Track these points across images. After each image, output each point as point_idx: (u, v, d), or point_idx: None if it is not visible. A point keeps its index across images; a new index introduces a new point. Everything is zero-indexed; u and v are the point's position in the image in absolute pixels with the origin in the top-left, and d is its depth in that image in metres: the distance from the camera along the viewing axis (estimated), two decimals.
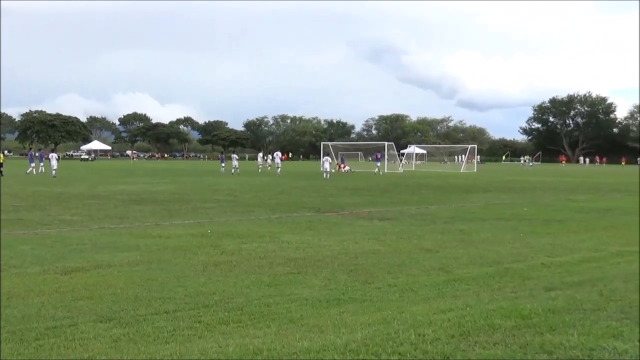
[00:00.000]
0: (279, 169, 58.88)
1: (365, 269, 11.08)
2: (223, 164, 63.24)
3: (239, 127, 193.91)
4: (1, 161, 50.85)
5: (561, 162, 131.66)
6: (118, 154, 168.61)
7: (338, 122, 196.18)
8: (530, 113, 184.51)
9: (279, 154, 67.22)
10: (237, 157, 61.58)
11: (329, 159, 53.14)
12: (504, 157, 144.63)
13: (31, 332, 7.11)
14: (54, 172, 47.46)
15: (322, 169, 51.56)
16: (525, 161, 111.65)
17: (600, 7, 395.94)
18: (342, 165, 68.23)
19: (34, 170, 52.78)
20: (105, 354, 6.36)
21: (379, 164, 64.12)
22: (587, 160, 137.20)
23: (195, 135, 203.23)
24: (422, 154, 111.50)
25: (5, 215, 19.73)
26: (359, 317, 7.70)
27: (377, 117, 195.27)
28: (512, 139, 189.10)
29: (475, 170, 73.77)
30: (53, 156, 50.32)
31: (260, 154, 75.46)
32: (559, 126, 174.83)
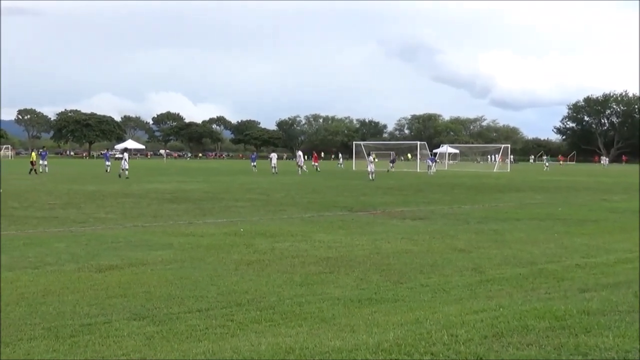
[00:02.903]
0: (301, 169, 57.64)
1: (397, 268, 11.04)
2: (254, 163, 63.18)
3: (272, 127, 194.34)
4: (33, 160, 51.42)
5: (560, 161, 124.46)
6: (152, 152, 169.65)
7: (370, 122, 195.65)
8: (564, 112, 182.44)
9: (300, 153, 63.90)
10: (277, 156, 61.11)
11: (371, 158, 51.47)
12: (531, 159, 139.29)
13: (66, 329, 7.19)
14: (123, 171, 45.83)
15: (368, 169, 48.19)
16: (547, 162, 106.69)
17: (636, 5, 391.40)
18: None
19: (108, 168, 53.51)
20: (139, 352, 6.41)
21: (431, 163, 63.59)
22: (607, 160, 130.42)
23: (227, 134, 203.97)
24: (455, 154, 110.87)
25: (40, 212, 20.00)
26: (391, 317, 7.67)
27: (409, 117, 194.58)
28: (546, 139, 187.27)
29: (508, 170, 73.18)
30: (125, 156, 48.63)
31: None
32: (594, 126, 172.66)
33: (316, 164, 66.96)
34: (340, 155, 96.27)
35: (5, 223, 17.18)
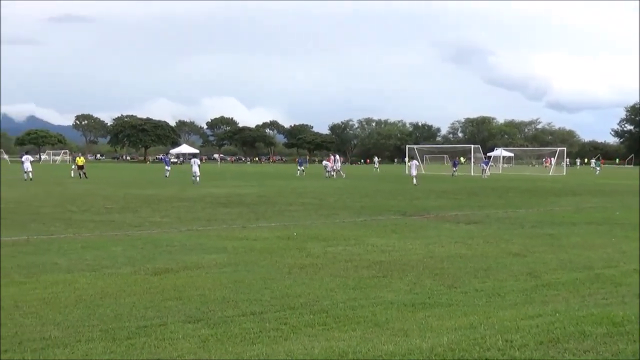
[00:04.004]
0: (337, 172, 57.12)
1: (451, 273, 10.97)
2: (300, 168, 63.38)
3: (324, 131, 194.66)
4: (82, 164, 52.15)
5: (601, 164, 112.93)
6: (206, 157, 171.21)
7: (423, 125, 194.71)
8: (622, 114, 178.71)
9: (338, 157, 62.17)
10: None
11: (416, 162, 49.67)
12: (578, 163, 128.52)
13: (123, 331, 7.30)
14: (197, 178, 44.03)
15: (411, 173, 46.73)
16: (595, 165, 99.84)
17: None
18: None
19: (167, 173, 54.10)
20: (194, 354, 6.48)
21: (485, 166, 62.82)
22: None
23: (280, 138, 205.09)
24: (510, 157, 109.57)
25: (97, 217, 20.36)
26: (444, 321, 7.63)
27: (463, 120, 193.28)
28: (603, 142, 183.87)
29: (564, 173, 72.11)
30: (195, 161, 46.78)
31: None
32: None
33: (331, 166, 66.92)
34: (375, 159, 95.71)
35: (62, 226, 17.57)
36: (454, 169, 68.01)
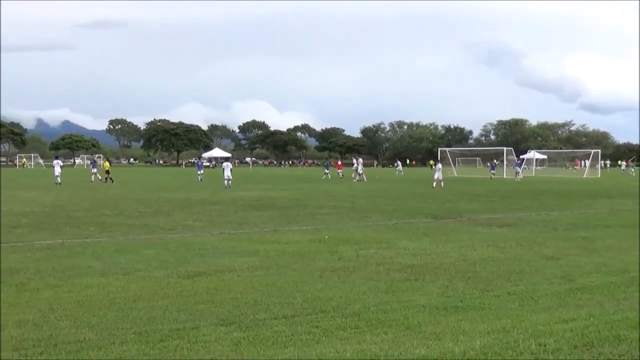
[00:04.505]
0: (360, 175, 56.03)
1: (483, 276, 10.90)
2: (327, 171, 63.56)
3: (356, 134, 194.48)
4: (108, 169, 52.43)
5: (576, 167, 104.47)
6: (238, 160, 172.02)
7: (455, 128, 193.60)
8: None
9: (361, 160, 60.49)
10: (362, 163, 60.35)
11: (439, 165, 48.02)
12: (608, 164, 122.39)
13: (156, 333, 7.36)
14: (229, 182, 42.70)
15: (438, 177, 45.40)
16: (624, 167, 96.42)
17: None
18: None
19: (200, 177, 54.40)
20: (226, 357, 6.51)
21: (518, 169, 62.38)
22: None
23: (312, 142, 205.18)
24: (543, 159, 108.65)
25: (131, 220, 20.53)
26: (477, 325, 7.58)
27: (495, 122, 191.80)
28: (638, 143, 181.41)
29: (599, 176, 71.35)
30: (227, 165, 44.20)
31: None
32: None
33: (340, 171, 66.90)
34: (398, 162, 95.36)
35: (97, 230, 17.74)
36: (492, 172, 67.64)
